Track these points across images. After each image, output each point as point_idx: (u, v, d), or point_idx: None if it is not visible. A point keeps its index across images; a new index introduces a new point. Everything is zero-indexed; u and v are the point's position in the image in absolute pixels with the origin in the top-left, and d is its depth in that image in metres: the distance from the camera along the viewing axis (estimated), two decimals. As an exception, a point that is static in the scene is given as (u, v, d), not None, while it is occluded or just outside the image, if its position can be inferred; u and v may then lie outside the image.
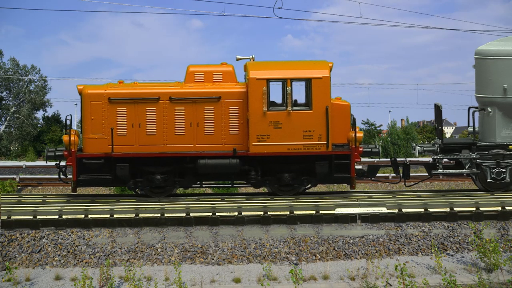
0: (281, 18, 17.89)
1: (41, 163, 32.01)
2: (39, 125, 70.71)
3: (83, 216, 11.95)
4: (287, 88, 12.92)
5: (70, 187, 14.15)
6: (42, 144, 62.57)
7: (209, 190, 22.99)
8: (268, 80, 12.96)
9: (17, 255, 11.05)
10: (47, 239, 11.45)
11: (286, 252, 11.11)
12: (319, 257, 11.01)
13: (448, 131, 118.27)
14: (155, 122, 13.15)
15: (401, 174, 14.44)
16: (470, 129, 14.49)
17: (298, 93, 13.38)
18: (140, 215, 12.00)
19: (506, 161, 13.66)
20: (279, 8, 17.84)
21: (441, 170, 13.91)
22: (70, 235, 11.59)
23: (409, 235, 11.61)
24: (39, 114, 72.75)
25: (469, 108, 14.55)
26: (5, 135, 61.42)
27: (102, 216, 11.96)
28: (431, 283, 9.60)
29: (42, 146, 59.52)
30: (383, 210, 12.20)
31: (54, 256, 11.03)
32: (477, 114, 14.52)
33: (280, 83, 13.04)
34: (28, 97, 67.44)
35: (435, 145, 14.08)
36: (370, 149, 14.14)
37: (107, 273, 9.81)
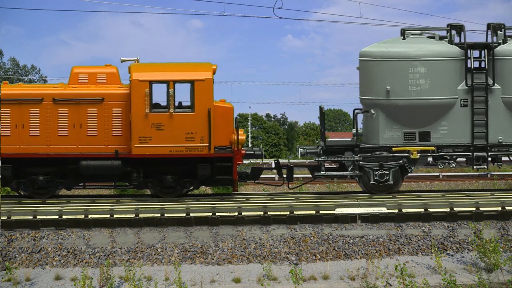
0: (281, 18, 17.93)
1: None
2: (39, 125, 70.53)
3: (83, 216, 11.94)
4: (170, 90, 12.99)
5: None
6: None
7: (209, 190, 23.00)
8: (151, 82, 13.02)
9: (17, 255, 11.05)
10: (47, 239, 11.45)
11: (286, 252, 11.12)
12: (319, 257, 11.01)
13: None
14: (39, 123, 13.22)
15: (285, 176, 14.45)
16: (355, 131, 14.36)
17: (187, 95, 13.39)
18: (140, 215, 11.99)
19: (389, 163, 13.56)
20: (279, 8, 17.86)
21: (324, 172, 13.85)
22: (70, 235, 11.59)
23: (409, 235, 11.61)
24: (39, 114, 72.58)
25: (354, 110, 14.39)
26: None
27: (102, 216, 11.96)
28: (431, 283, 9.60)
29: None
30: (383, 210, 12.20)
31: (54, 256, 11.03)
32: (361, 116, 14.44)
33: (164, 85, 13.09)
34: (28, 97, 67.11)
35: (319, 147, 14.01)
36: (253, 152, 14.27)
37: (107, 273, 9.81)
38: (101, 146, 13.25)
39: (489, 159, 13.96)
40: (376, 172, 13.59)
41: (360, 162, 13.67)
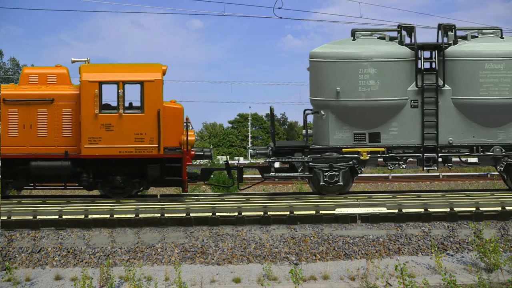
0: (281, 18, 17.92)
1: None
2: (39, 125, 70.56)
3: (83, 216, 11.95)
4: (119, 91, 13.00)
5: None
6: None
7: (209, 190, 23.00)
8: (101, 83, 13.03)
9: (17, 255, 11.05)
10: (47, 239, 11.45)
11: (286, 252, 11.12)
12: (319, 257, 11.01)
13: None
14: None
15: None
16: (305, 131, 14.26)
17: (138, 96, 13.38)
18: (140, 215, 11.99)
19: (339, 164, 13.53)
20: (279, 8, 17.86)
21: (273, 173, 13.81)
22: (70, 235, 11.59)
23: (409, 235, 11.61)
24: (39, 114, 72.62)
25: (304, 110, 14.30)
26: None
27: (102, 216, 11.96)
28: (431, 283, 9.60)
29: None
30: (383, 210, 12.20)
31: (54, 256, 11.03)
32: (312, 117, 14.36)
33: (114, 86, 13.10)
34: (28, 97, 67.17)
35: (269, 148, 13.94)
36: (202, 152, 14.23)
37: (107, 273, 9.81)
38: (51, 147, 13.24)
39: (440, 160, 13.92)
40: (326, 173, 13.52)
41: (310, 163, 13.60)
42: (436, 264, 10.26)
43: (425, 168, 13.84)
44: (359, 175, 14.77)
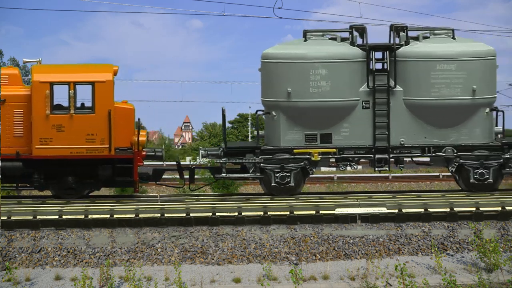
0: (281, 18, 17.92)
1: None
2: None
3: (83, 216, 11.95)
4: (70, 92, 13.01)
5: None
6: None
7: (209, 191, 22.99)
8: (52, 83, 13.03)
9: (17, 255, 11.05)
10: (47, 239, 11.45)
11: (286, 252, 11.12)
12: (319, 257, 11.01)
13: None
14: None
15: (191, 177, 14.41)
16: (256, 132, 14.20)
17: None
18: (140, 215, 12.00)
19: (290, 165, 13.48)
20: (279, 8, 17.81)
21: (225, 174, 13.78)
22: (70, 235, 11.59)
23: (409, 235, 11.61)
24: (39, 114, 72.68)
25: (256, 111, 14.23)
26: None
27: (102, 216, 11.96)
28: (431, 283, 9.60)
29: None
30: (383, 210, 12.19)
31: (54, 256, 11.03)
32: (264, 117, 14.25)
33: (65, 86, 13.11)
34: (28, 97, 67.20)
35: (220, 149, 13.92)
36: (153, 153, 14.21)
37: (107, 273, 9.81)
38: (2, 147, 13.25)
39: (392, 160, 13.90)
40: (277, 174, 13.48)
41: (261, 164, 13.56)
42: (436, 264, 10.26)
43: (376, 169, 13.78)
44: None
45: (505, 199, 12.70)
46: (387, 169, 13.87)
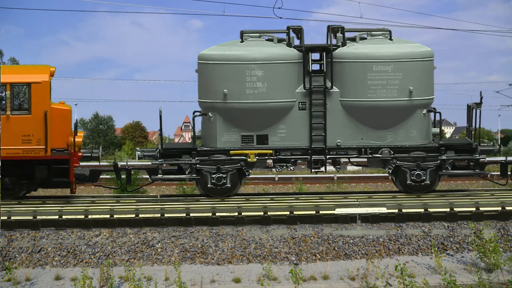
0: (281, 18, 17.89)
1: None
2: (39, 125, 70.54)
3: (83, 216, 11.95)
4: (6, 93, 13.05)
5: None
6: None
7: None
8: None
9: (17, 255, 11.05)
10: (47, 239, 11.45)
11: (286, 252, 11.12)
12: (319, 257, 11.01)
13: (448, 131, 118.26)
14: None
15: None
16: (193, 133, 14.11)
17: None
18: (140, 215, 12.00)
19: (226, 166, 13.47)
20: (279, 8, 17.81)
21: (161, 175, 13.74)
22: (70, 235, 11.60)
23: (409, 235, 11.62)
24: (39, 114, 72.61)
25: (194, 112, 14.17)
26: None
27: (102, 216, 11.97)
28: (431, 283, 9.60)
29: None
30: (383, 210, 12.20)
31: (54, 256, 11.03)
32: (200, 119, 14.20)
33: (1, 87, 13.15)
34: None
35: (157, 150, 13.85)
36: (90, 154, 14.22)
37: (107, 273, 9.81)
38: None
39: (330, 161, 13.87)
40: (214, 175, 13.47)
41: (198, 165, 13.54)
42: (436, 264, 10.26)
43: (313, 170, 13.76)
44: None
45: (505, 199, 12.71)
46: (324, 170, 13.81)
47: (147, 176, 14.76)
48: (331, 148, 13.61)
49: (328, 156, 13.65)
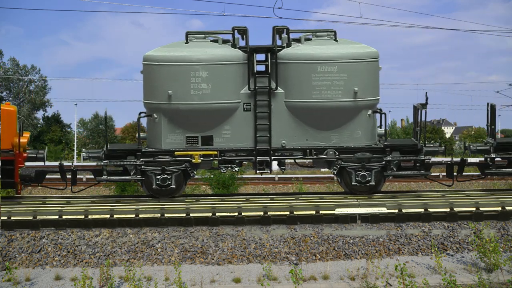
0: (281, 18, 17.88)
1: (40, 163, 32.00)
2: (39, 125, 70.66)
3: (83, 216, 11.95)
4: None
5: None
6: (42, 144, 62.62)
7: (208, 191, 23.01)
8: None
9: (17, 255, 11.05)
10: (47, 239, 11.45)
11: (286, 252, 11.12)
12: (319, 257, 11.02)
13: (448, 131, 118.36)
14: None
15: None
16: (138, 135, 13.98)
17: None
18: (140, 215, 12.00)
19: (171, 167, 13.40)
20: (279, 8, 17.81)
21: (106, 176, 13.68)
22: (70, 235, 11.60)
23: (409, 235, 11.62)
24: (39, 114, 72.62)
25: (139, 113, 14.07)
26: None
27: (102, 216, 11.97)
28: (431, 283, 9.60)
29: (42, 146, 59.66)
30: (383, 210, 12.20)
31: (54, 256, 11.03)
32: (146, 120, 14.09)
33: None
34: (28, 97, 67.34)
35: (102, 151, 13.78)
36: (35, 155, 14.16)
37: (107, 273, 9.81)
38: None
39: (276, 162, 13.82)
40: (158, 177, 13.41)
41: (143, 167, 13.48)
42: (436, 264, 10.26)
43: (258, 171, 13.71)
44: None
45: (505, 199, 12.71)
46: (269, 171, 13.77)
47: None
48: (276, 149, 13.54)
49: (273, 157, 13.59)
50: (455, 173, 14.55)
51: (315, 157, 13.56)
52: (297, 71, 13.25)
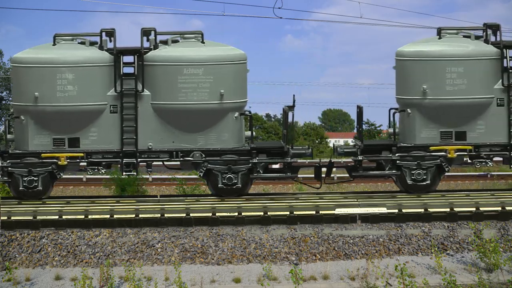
0: (281, 18, 17.90)
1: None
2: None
3: (83, 216, 11.95)
4: None
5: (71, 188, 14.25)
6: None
7: (209, 191, 22.93)
8: None
9: (17, 255, 11.05)
10: (47, 239, 11.45)
11: (286, 252, 11.12)
12: (319, 257, 11.02)
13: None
14: None
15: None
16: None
17: None
18: (140, 215, 12.00)
19: (38, 169, 13.29)
20: (279, 8, 17.80)
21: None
22: (70, 235, 11.60)
23: (409, 235, 11.62)
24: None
25: (9, 115, 13.91)
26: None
27: (102, 216, 11.97)
28: (431, 283, 9.60)
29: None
30: (383, 210, 12.20)
31: (54, 256, 11.03)
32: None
33: None
34: (28, 97, 67.10)
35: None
36: None
37: (107, 273, 9.81)
38: None
39: (144, 164, 13.81)
40: (25, 178, 13.24)
41: (9, 168, 13.31)
42: (436, 264, 10.26)
43: (124, 173, 13.71)
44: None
45: (505, 199, 12.71)
46: (135, 173, 13.77)
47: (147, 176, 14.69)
48: (143, 151, 13.50)
49: (139, 160, 13.56)
50: (323, 175, 14.43)
51: (181, 159, 13.57)
52: (164, 73, 13.25)
